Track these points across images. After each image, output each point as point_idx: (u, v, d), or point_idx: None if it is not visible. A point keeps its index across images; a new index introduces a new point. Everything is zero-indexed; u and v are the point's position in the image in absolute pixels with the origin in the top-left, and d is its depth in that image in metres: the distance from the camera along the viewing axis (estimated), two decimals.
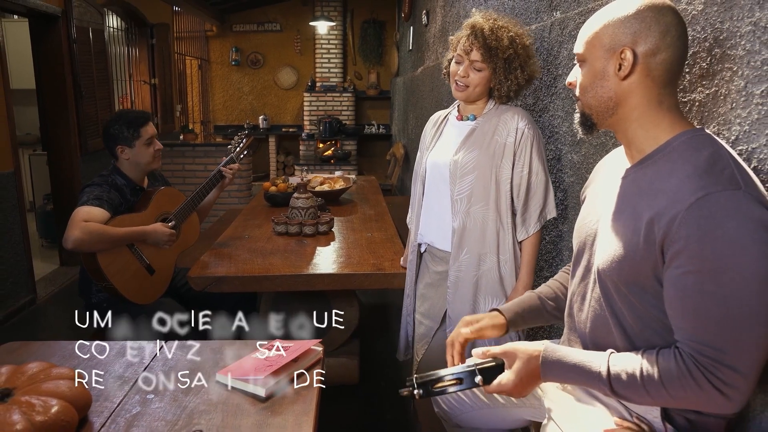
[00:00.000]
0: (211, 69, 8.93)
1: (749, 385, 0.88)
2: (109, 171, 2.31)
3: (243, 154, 2.65)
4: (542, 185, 1.80)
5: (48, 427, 0.97)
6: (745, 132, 1.07)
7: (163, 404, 1.14)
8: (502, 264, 1.82)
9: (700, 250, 0.87)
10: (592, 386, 1.00)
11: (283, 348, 1.31)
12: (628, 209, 1.02)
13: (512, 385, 1.05)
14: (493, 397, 1.35)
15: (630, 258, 0.98)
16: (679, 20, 1.00)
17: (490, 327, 1.29)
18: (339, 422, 2.48)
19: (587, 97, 1.08)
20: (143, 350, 1.37)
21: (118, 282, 2.12)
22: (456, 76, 1.79)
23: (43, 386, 1.05)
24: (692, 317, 0.90)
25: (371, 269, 2.27)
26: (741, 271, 0.85)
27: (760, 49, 1.02)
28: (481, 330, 1.29)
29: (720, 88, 1.14)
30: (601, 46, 1.03)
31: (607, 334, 1.06)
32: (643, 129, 1.03)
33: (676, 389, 0.90)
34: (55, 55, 4.47)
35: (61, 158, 4.67)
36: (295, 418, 1.09)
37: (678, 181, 0.93)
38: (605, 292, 1.05)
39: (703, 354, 0.88)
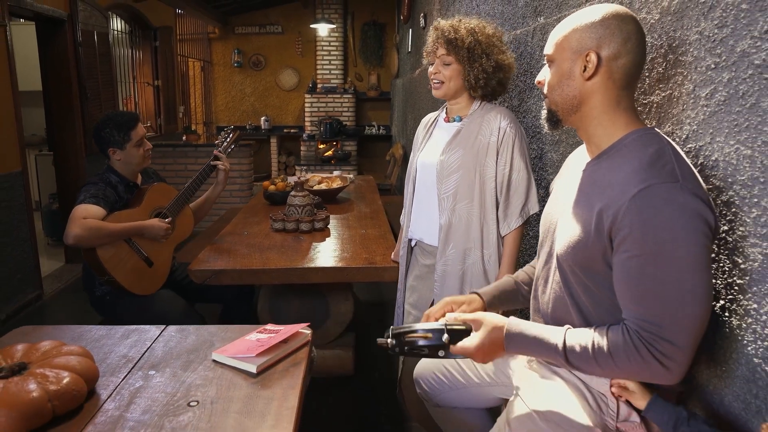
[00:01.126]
0: (213, 71, 9.05)
1: (686, 357, 0.98)
2: (104, 170, 2.42)
3: (231, 148, 2.77)
4: (524, 182, 1.90)
5: (60, 395, 1.08)
6: (694, 131, 1.17)
7: (163, 379, 1.25)
8: (486, 258, 1.92)
9: (642, 236, 0.97)
10: (549, 357, 1.10)
11: (273, 331, 1.41)
12: (583, 200, 1.12)
13: (474, 349, 1.14)
14: (469, 377, 1.45)
15: (583, 244, 1.08)
16: (639, 29, 1.11)
17: (466, 304, 1.38)
18: (334, 411, 2.58)
19: (554, 95, 1.18)
20: (146, 333, 1.48)
21: (118, 275, 2.23)
22: (431, 76, 1.90)
23: (55, 361, 1.16)
24: (636, 296, 1.00)
25: (363, 263, 2.37)
26: (676, 255, 0.95)
27: (705, 55, 1.13)
28: (457, 304, 1.38)
29: (673, 91, 1.25)
30: (569, 48, 1.13)
31: (566, 314, 1.17)
32: (602, 126, 1.14)
33: (622, 360, 1.00)
34: (61, 58, 4.59)
35: (67, 158, 4.79)
36: (282, 391, 1.20)
37: (625, 175, 1.03)
38: (563, 275, 1.16)
39: (645, 329, 0.99)
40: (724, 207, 1.08)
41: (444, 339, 1.16)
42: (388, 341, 1.20)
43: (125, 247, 2.28)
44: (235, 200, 5.85)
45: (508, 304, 1.45)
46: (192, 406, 1.14)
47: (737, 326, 1.05)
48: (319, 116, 8.68)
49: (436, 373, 1.51)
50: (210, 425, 1.08)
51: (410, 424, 2.45)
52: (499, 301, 1.42)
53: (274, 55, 8.99)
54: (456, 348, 1.15)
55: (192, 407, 1.14)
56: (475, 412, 1.52)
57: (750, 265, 1.02)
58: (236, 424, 1.08)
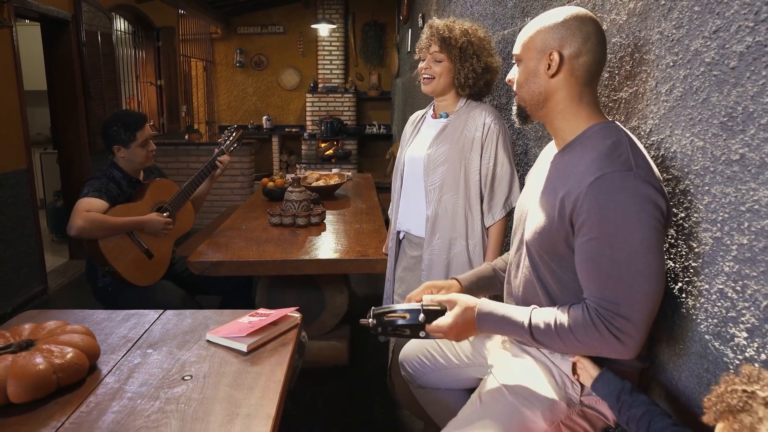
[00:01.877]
0: (215, 70, 9.15)
1: (640, 333, 1.06)
2: (108, 166, 2.51)
3: (233, 147, 2.86)
4: (507, 175, 1.98)
5: (64, 368, 1.16)
6: (656, 125, 1.25)
7: (160, 357, 1.33)
8: (470, 248, 2.00)
9: (598, 220, 1.05)
10: (517, 335, 1.18)
11: (264, 314, 1.50)
12: (549, 189, 1.20)
13: (448, 327, 1.22)
14: (449, 359, 1.53)
15: (548, 230, 1.16)
16: (599, 30, 1.19)
17: (445, 289, 1.46)
18: (329, 401, 2.66)
19: (522, 92, 1.26)
20: (145, 317, 1.57)
21: (119, 266, 2.32)
22: (422, 72, 1.98)
23: (60, 338, 1.24)
24: (594, 276, 1.08)
25: (356, 255, 2.46)
26: (629, 238, 1.03)
27: (665, 54, 1.21)
28: (436, 288, 1.46)
29: (639, 88, 1.33)
30: (534, 48, 1.21)
31: (534, 297, 1.25)
32: (567, 120, 1.22)
33: (582, 335, 1.08)
34: (65, 58, 4.68)
35: (72, 157, 4.88)
36: (270, 367, 1.28)
37: (585, 164, 1.11)
38: (532, 260, 1.24)
39: (603, 306, 1.07)
40: (681, 195, 1.16)
41: (420, 318, 1.24)
42: (369, 321, 1.28)
43: (126, 239, 2.37)
44: (236, 198, 5.94)
45: (485, 290, 1.53)
46: (186, 380, 1.23)
47: (692, 306, 1.13)
48: (320, 115, 8.77)
49: (419, 356, 1.59)
50: (202, 396, 1.16)
51: (401, 412, 2.53)
52: (477, 287, 1.50)
53: (275, 55, 9.09)
54: (431, 327, 1.24)
55: (186, 381, 1.22)
56: (456, 393, 1.60)
57: (703, 248, 1.10)
58: (226, 395, 1.17)
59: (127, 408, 1.12)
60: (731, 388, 0.71)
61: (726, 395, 0.70)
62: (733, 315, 1.00)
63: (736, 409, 0.68)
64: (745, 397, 0.68)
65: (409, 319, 1.25)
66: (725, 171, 1.02)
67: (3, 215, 3.71)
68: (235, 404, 1.13)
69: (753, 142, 0.94)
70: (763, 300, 0.93)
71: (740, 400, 0.68)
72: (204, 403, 1.13)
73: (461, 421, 1.24)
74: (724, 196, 1.02)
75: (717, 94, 1.04)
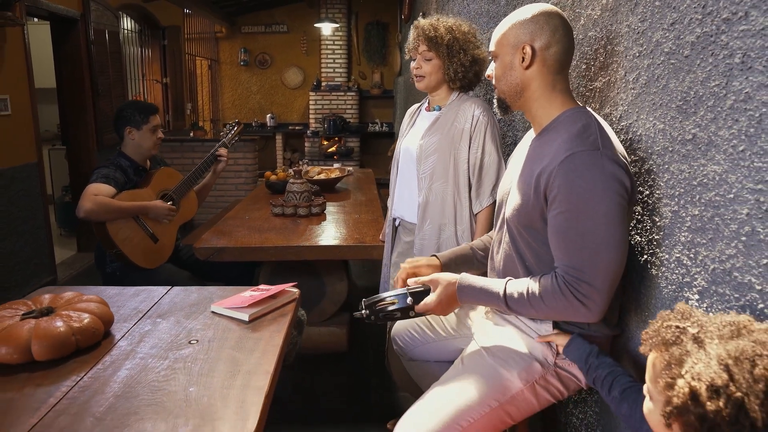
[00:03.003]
0: (220, 69, 9.28)
1: (603, 298, 1.16)
2: (116, 155, 2.65)
3: (234, 141, 2.99)
4: (494, 165, 2.08)
5: (82, 331, 1.28)
6: (625, 111, 1.36)
7: (168, 325, 1.44)
8: (459, 234, 2.11)
9: (567, 195, 1.16)
10: (494, 304, 1.29)
11: (265, 289, 1.61)
12: (527, 170, 1.31)
13: (434, 305, 1.34)
14: (437, 332, 1.64)
15: (525, 206, 1.27)
16: (565, 22, 1.31)
17: (425, 266, 1.57)
18: (329, 384, 2.77)
19: (501, 85, 1.37)
20: (154, 292, 1.68)
21: (126, 248, 2.45)
22: (413, 71, 2.09)
23: (77, 305, 1.36)
24: (563, 246, 1.19)
25: (354, 242, 2.57)
26: (594, 211, 1.14)
27: (632, 45, 1.31)
28: (418, 267, 1.57)
29: (611, 77, 1.43)
30: (508, 44, 1.32)
31: (513, 269, 1.35)
32: (542, 108, 1.33)
33: (550, 301, 1.19)
34: (74, 56, 4.80)
35: (80, 152, 5.01)
36: (270, 334, 1.40)
37: (557, 145, 1.22)
38: (512, 235, 1.35)
39: (570, 273, 1.17)
40: (646, 174, 1.27)
41: (408, 301, 1.37)
42: (363, 313, 1.39)
43: (132, 224, 2.49)
44: (239, 193, 6.06)
45: (463, 267, 1.63)
46: (192, 343, 1.34)
47: (655, 275, 1.23)
48: (324, 113, 8.89)
49: (410, 330, 1.70)
50: (207, 357, 1.27)
51: (399, 394, 2.64)
52: (454, 264, 1.61)
53: (279, 53, 9.21)
54: (419, 306, 1.36)
55: (192, 344, 1.33)
56: (445, 365, 1.69)
57: (663, 221, 1.20)
58: (229, 356, 1.28)
59: (139, 366, 1.23)
60: (666, 323, 0.81)
61: (661, 330, 0.81)
62: (687, 280, 1.11)
63: (668, 343, 0.79)
64: (678, 332, 0.79)
65: (398, 303, 1.37)
66: (681, 150, 1.12)
67: (15, 207, 3.83)
68: (237, 363, 1.24)
69: (702, 123, 1.05)
70: (711, 264, 1.03)
71: (673, 334, 0.79)
72: (209, 362, 1.25)
73: (445, 381, 1.35)
74: (680, 173, 1.13)
75: (674, 80, 1.14)
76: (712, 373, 0.71)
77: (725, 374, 0.71)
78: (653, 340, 0.81)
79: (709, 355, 0.73)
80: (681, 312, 0.82)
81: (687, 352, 0.76)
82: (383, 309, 1.38)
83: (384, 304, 1.38)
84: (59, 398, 1.10)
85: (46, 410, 1.06)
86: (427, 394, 1.35)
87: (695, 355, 0.75)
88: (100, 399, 1.09)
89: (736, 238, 0.96)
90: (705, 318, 0.81)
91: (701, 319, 0.81)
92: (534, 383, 1.29)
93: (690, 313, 0.82)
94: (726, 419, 0.69)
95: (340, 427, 2.39)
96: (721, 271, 1.00)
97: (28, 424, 1.01)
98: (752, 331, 0.76)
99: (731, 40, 0.96)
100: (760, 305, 0.90)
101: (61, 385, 1.15)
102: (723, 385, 0.70)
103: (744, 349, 0.72)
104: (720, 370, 0.71)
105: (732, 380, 0.70)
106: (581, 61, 1.63)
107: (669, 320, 0.82)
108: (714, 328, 0.77)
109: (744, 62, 0.93)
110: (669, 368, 0.77)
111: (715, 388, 0.70)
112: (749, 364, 0.71)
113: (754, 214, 0.91)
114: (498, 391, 1.27)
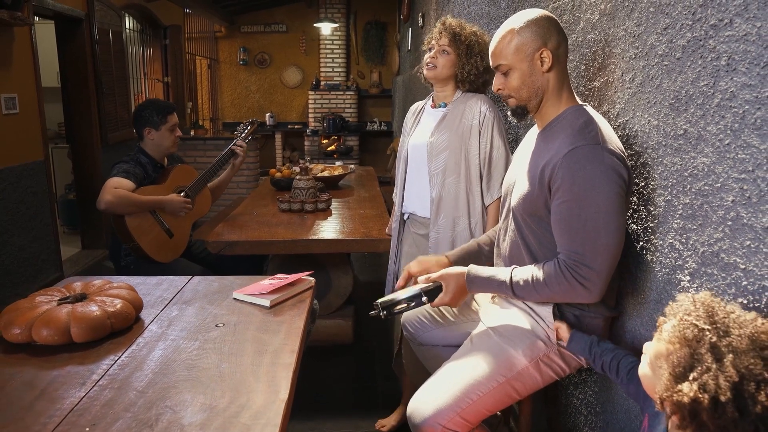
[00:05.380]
0: (220, 68, 9.35)
1: (602, 280, 1.26)
2: (135, 151, 2.73)
3: (249, 138, 3.07)
4: (503, 158, 2.17)
5: (116, 315, 1.37)
6: (622, 109, 1.46)
7: (194, 310, 1.54)
8: (472, 226, 2.20)
9: (570, 185, 1.26)
10: (501, 292, 1.39)
11: (283, 277, 1.70)
12: (532, 163, 1.41)
13: (448, 299, 1.45)
14: (446, 317, 1.74)
15: (530, 196, 1.37)
16: (556, 21, 1.41)
17: (435, 264, 1.67)
18: (336, 373, 2.87)
19: (521, 93, 1.42)
20: (175, 281, 1.77)
21: (142, 242, 2.53)
22: (428, 60, 2.18)
23: (109, 291, 1.45)
24: (565, 232, 1.29)
25: (361, 236, 2.66)
26: (595, 199, 1.24)
27: (628, 48, 1.41)
28: (428, 266, 1.67)
29: (609, 77, 1.53)
30: (523, 52, 1.39)
31: (519, 255, 1.45)
32: (553, 106, 1.42)
33: (553, 285, 1.29)
34: (79, 56, 4.87)
35: (84, 150, 5.07)
36: (291, 318, 1.49)
37: (561, 140, 1.32)
38: (517, 223, 1.45)
39: (571, 258, 1.27)
40: (642, 167, 1.37)
41: (423, 300, 1.47)
42: (381, 314, 1.48)
43: (150, 219, 2.58)
44: (241, 191, 6.14)
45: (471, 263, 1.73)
46: (219, 327, 1.43)
47: (650, 261, 1.33)
48: (323, 112, 8.97)
49: (419, 316, 1.80)
50: (234, 338, 1.36)
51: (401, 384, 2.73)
52: (463, 261, 1.70)
53: (278, 53, 9.29)
54: (435, 303, 1.47)
55: (219, 327, 1.43)
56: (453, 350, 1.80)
57: (658, 210, 1.30)
58: (255, 338, 1.37)
59: (172, 346, 1.32)
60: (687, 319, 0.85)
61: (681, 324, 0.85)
62: (680, 263, 1.21)
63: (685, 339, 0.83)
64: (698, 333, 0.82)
65: (414, 303, 1.47)
66: (673, 144, 1.22)
67: (24, 204, 3.91)
68: (263, 344, 1.34)
69: (692, 119, 1.15)
70: (701, 247, 1.13)
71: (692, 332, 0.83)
72: (236, 343, 1.34)
73: (455, 359, 1.45)
74: (672, 165, 1.23)
75: (667, 80, 1.24)
76: (719, 389, 0.76)
77: (730, 393, 0.75)
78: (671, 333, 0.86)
79: (721, 370, 0.77)
80: (704, 308, 0.86)
81: (701, 357, 0.80)
82: (400, 310, 1.48)
83: (401, 307, 1.47)
84: (101, 375, 1.19)
85: (91, 385, 1.15)
86: (439, 371, 1.45)
87: (707, 365, 0.79)
88: (139, 375, 1.19)
89: (722, 223, 1.06)
90: (728, 319, 0.83)
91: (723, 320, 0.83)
92: (538, 360, 1.39)
93: (713, 309, 0.85)
94: (717, 427, 0.76)
95: (345, 415, 2.49)
96: (709, 254, 1.10)
97: (77, 397, 1.10)
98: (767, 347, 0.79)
99: (718, 44, 1.06)
100: (743, 282, 1.00)
101: (101, 363, 1.24)
102: (725, 401, 0.75)
103: (754, 370, 0.76)
104: (726, 388, 0.75)
105: (735, 399, 0.75)
106: (581, 62, 1.73)
107: (691, 315, 0.86)
108: (733, 339, 0.80)
109: (729, 64, 1.03)
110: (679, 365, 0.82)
111: (717, 402, 0.76)
112: (754, 387, 0.76)
113: (738, 201, 1.01)
114: (505, 367, 1.37)
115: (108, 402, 1.08)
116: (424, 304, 1.50)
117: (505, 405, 1.41)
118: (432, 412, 1.34)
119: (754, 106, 0.97)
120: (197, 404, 1.07)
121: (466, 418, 1.34)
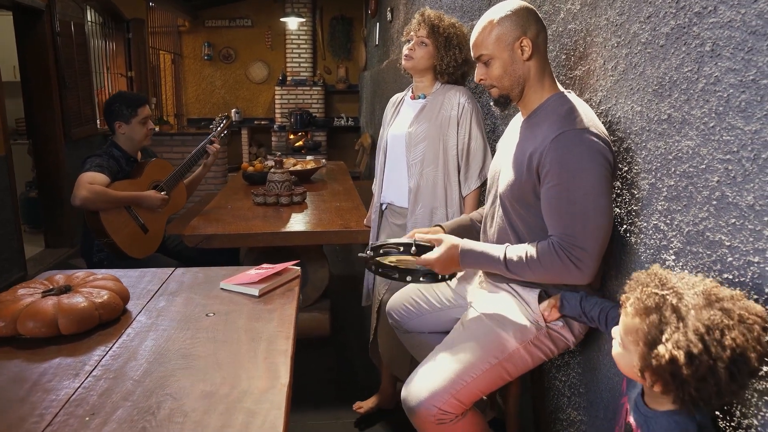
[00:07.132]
0: (183, 63, 9.17)
1: (593, 260, 1.30)
2: (108, 145, 2.66)
3: (223, 134, 3.04)
4: (481, 149, 2.21)
5: (104, 306, 1.34)
6: (605, 96, 1.50)
7: (182, 301, 1.52)
8: (450, 216, 2.22)
9: (558, 169, 1.29)
10: (494, 268, 1.41)
11: (269, 267, 1.69)
12: (519, 150, 1.43)
13: (435, 260, 1.45)
14: (432, 303, 1.76)
15: (518, 182, 1.40)
16: (535, 11, 1.45)
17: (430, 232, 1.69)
18: (314, 366, 2.86)
19: (503, 82, 1.45)
20: (158, 273, 1.75)
21: (117, 238, 2.48)
22: (406, 51, 2.19)
23: (94, 283, 1.42)
24: (556, 216, 1.32)
25: (339, 228, 2.66)
26: (583, 182, 1.27)
27: (611, 37, 1.45)
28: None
29: (590, 66, 1.57)
30: (503, 42, 1.42)
31: (507, 240, 1.48)
32: (536, 93, 1.45)
33: (547, 264, 1.32)
34: (40, 48, 4.70)
35: (47, 146, 4.91)
36: (281, 306, 1.49)
37: (547, 127, 1.35)
38: (505, 210, 1.47)
39: (564, 239, 1.31)
40: (625, 152, 1.41)
41: (412, 251, 1.47)
42: (368, 253, 1.49)
43: (124, 214, 2.53)
44: (210, 187, 6.05)
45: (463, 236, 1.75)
46: (209, 316, 1.42)
47: (634, 243, 1.38)
48: (289, 108, 8.90)
49: (405, 304, 1.81)
50: (227, 327, 1.35)
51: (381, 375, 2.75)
52: (456, 233, 1.72)
53: (244, 48, 9.17)
54: (420, 259, 1.46)
55: (209, 317, 1.41)
56: (439, 336, 1.82)
57: (641, 194, 1.34)
58: (248, 326, 1.36)
59: (164, 336, 1.30)
60: (646, 290, 0.95)
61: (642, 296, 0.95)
62: (664, 243, 1.25)
63: (649, 309, 0.92)
64: (658, 300, 0.92)
65: (403, 250, 1.47)
66: (657, 129, 1.27)
67: None
68: (256, 332, 1.33)
69: (677, 104, 1.19)
70: (686, 227, 1.18)
71: (653, 302, 0.93)
72: (229, 332, 1.33)
73: (448, 343, 1.47)
74: (656, 149, 1.27)
75: (650, 67, 1.28)
76: (690, 343, 0.85)
77: (700, 344, 0.85)
78: (635, 307, 0.95)
79: (687, 326, 0.87)
80: (658, 278, 0.95)
81: (667, 320, 0.90)
82: (387, 252, 1.48)
83: (389, 248, 1.48)
84: (94, 365, 1.17)
85: (85, 376, 1.13)
86: (432, 355, 1.46)
87: (674, 325, 0.89)
88: (134, 365, 1.17)
89: (707, 202, 1.10)
90: (680, 283, 0.94)
91: (677, 285, 0.94)
92: (528, 342, 1.42)
93: (666, 278, 0.95)
94: (696, 379, 0.85)
95: (325, 406, 2.49)
96: (695, 233, 1.14)
97: (71, 387, 1.08)
98: (720, 299, 0.90)
99: (702, 31, 1.10)
100: (729, 258, 1.05)
101: (92, 354, 1.22)
102: (698, 353, 0.85)
103: (715, 320, 0.87)
104: (696, 340, 0.85)
105: (705, 349, 0.85)
106: (561, 52, 1.77)
107: (648, 286, 0.95)
108: (689, 298, 0.90)
109: (714, 50, 1.07)
110: (649, 333, 0.91)
111: (692, 355, 0.85)
112: (719, 334, 0.85)
113: (723, 181, 1.06)
114: (496, 350, 1.40)
115: (105, 392, 1.06)
116: (412, 255, 1.49)
117: (498, 386, 1.44)
118: (427, 394, 1.36)
119: (739, 89, 1.01)
120: (197, 391, 1.06)
121: (461, 399, 1.37)
